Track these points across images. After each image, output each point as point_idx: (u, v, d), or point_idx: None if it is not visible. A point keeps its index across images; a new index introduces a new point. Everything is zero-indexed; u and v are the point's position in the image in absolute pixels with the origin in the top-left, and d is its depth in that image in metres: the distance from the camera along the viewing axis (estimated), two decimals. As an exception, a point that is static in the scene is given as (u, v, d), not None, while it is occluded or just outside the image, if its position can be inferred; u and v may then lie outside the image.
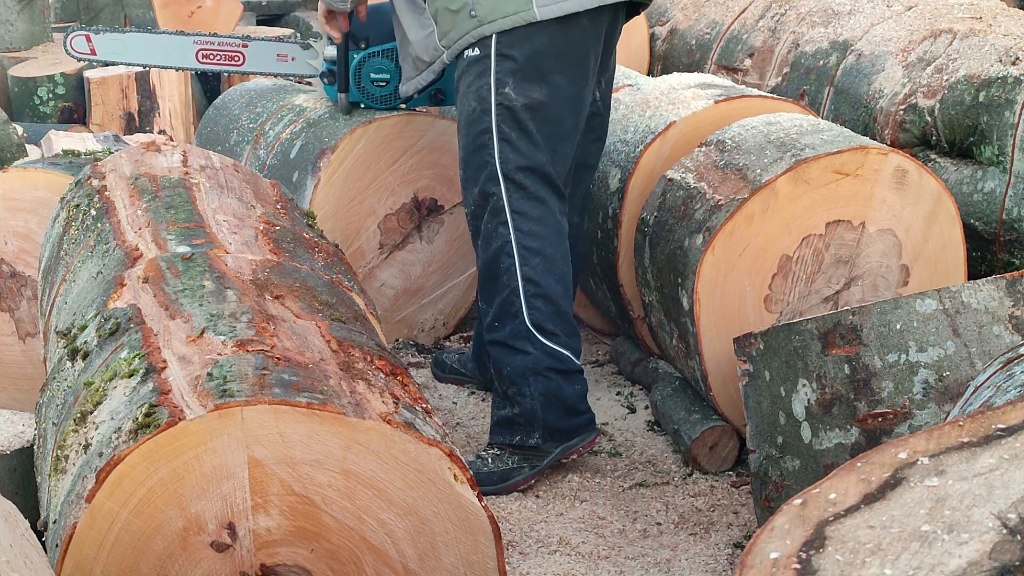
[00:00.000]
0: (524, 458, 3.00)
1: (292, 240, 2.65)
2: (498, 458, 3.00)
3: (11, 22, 7.14)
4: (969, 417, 1.32)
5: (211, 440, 1.75)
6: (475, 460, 3.01)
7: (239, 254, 2.41)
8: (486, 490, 2.92)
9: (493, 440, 3.04)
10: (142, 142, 3.28)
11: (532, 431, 2.98)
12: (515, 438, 2.99)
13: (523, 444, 2.99)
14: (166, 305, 2.14)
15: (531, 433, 2.98)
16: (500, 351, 2.97)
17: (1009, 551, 1.09)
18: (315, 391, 1.81)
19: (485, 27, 2.88)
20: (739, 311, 3.00)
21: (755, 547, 1.18)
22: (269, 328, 2.02)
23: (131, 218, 2.62)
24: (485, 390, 3.54)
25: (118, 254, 2.48)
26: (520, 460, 2.99)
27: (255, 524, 1.79)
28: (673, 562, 2.73)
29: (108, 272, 2.42)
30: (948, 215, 3.09)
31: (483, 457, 3.01)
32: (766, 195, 2.93)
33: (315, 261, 2.58)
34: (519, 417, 2.98)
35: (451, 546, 1.87)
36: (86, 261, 2.57)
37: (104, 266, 2.47)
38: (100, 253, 2.54)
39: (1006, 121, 3.34)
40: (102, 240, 2.59)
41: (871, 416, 2.48)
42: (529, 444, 2.99)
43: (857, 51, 3.99)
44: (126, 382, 1.91)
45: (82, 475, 1.80)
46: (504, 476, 2.98)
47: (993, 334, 2.44)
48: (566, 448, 3.02)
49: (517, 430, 2.99)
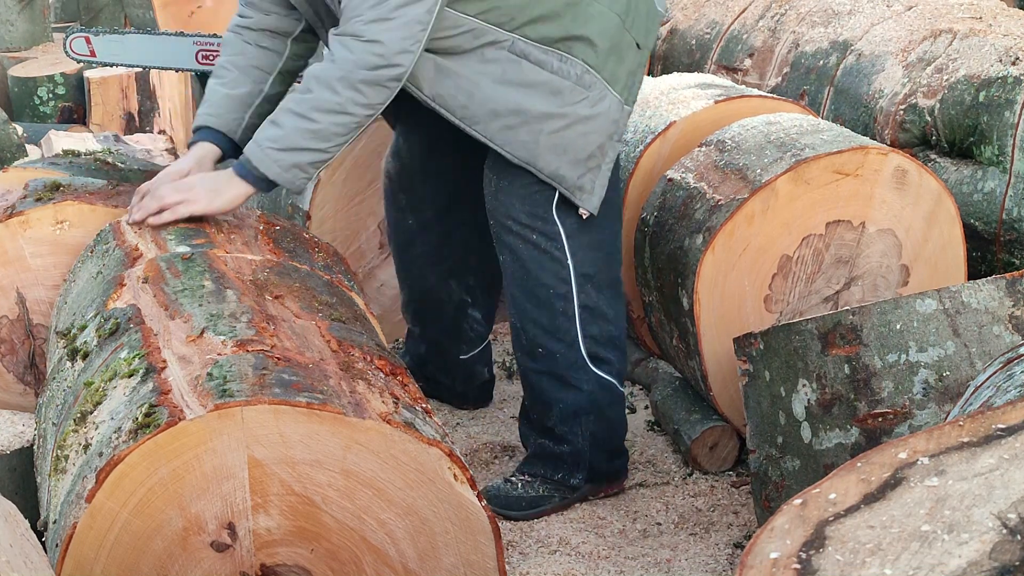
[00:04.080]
0: (556, 489, 2.90)
1: (292, 240, 2.65)
2: (529, 484, 2.90)
3: (11, 22, 7.15)
4: (969, 417, 1.32)
5: (211, 440, 1.75)
6: (503, 484, 2.91)
7: (239, 254, 2.41)
8: (511, 514, 2.84)
9: (530, 470, 2.92)
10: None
11: (576, 471, 2.90)
12: (557, 475, 2.89)
13: (564, 482, 2.90)
14: (166, 305, 2.14)
15: (575, 473, 2.90)
16: (549, 383, 2.85)
17: (1009, 551, 1.09)
18: (315, 391, 1.81)
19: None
20: (739, 311, 3.00)
21: (755, 547, 1.18)
22: (269, 328, 2.02)
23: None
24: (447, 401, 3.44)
25: (118, 254, 2.48)
26: (551, 490, 2.90)
27: (255, 524, 1.80)
28: (673, 562, 2.73)
29: (108, 272, 2.42)
30: (948, 215, 3.09)
31: (512, 482, 2.91)
32: (766, 195, 2.93)
33: (315, 261, 2.58)
34: (566, 456, 2.89)
35: (451, 546, 1.87)
36: (86, 261, 2.58)
37: (104, 266, 2.47)
38: (100, 253, 2.54)
39: (1006, 121, 3.34)
40: (102, 240, 2.59)
41: (871, 416, 2.48)
42: (571, 483, 2.90)
43: (857, 51, 3.99)
44: (126, 382, 1.91)
45: (82, 475, 1.80)
46: (533, 503, 2.88)
47: (993, 334, 2.44)
48: (599, 489, 2.96)
49: (561, 467, 2.89)
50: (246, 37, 2.85)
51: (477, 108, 2.68)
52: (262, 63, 2.83)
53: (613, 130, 2.75)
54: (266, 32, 2.85)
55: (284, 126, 2.56)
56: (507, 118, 2.68)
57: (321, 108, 2.53)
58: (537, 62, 2.67)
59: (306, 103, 2.54)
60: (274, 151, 2.55)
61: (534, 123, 2.68)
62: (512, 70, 2.67)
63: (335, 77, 2.53)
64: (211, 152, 2.75)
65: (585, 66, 2.69)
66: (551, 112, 2.68)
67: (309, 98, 2.54)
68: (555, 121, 2.68)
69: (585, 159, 2.72)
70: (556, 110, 2.68)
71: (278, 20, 2.85)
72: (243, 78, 2.81)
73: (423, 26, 2.55)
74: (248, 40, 2.85)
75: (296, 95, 2.58)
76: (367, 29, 2.52)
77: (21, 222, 2.69)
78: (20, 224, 2.69)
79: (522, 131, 2.69)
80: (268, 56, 2.84)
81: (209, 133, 2.76)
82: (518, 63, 2.67)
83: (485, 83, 2.67)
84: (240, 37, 2.86)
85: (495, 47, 2.66)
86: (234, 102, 2.79)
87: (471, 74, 2.67)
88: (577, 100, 2.69)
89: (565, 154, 2.70)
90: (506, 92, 2.67)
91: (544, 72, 2.67)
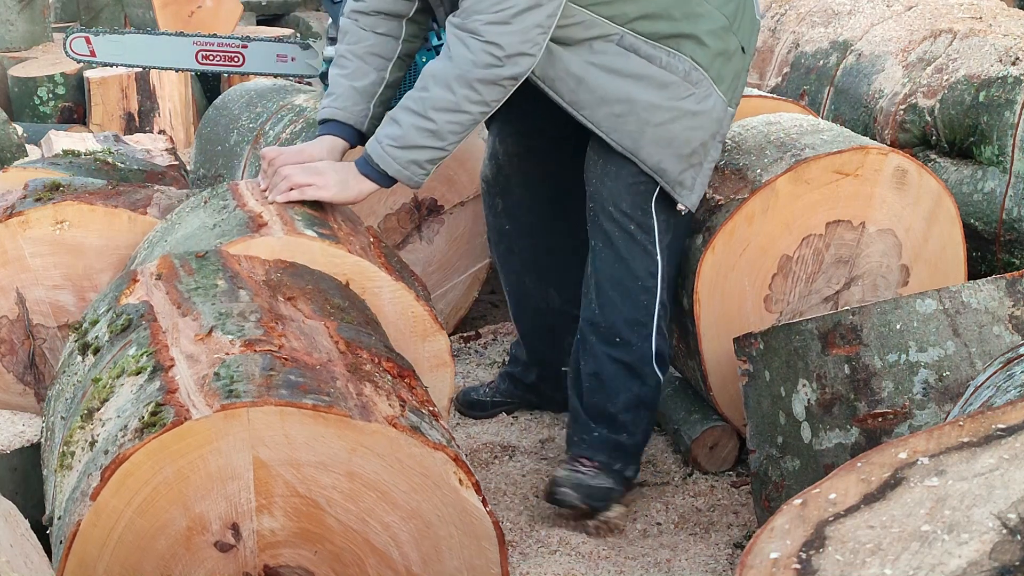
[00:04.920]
0: (619, 481, 2.88)
1: (398, 261, 2.66)
2: (599, 474, 2.86)
3: (11, 22, 7.14)
4: (969, 417, 1.32)
5: (216, 440, 1.75)
6: (575, 473, 2.85)
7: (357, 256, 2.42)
8: (594, 504, 2.81)
9: (592, 455, 2.88)
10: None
11: (633, 464, 2.90)
12: (617, 464, 2.87)
13: (622, 472, 2.88)
14: (178, 303, 2.13)
15: (631, 465, 2.90)
16: (619, 371, 2.83)
17: (1009, 551, 1.10)
18: (321, 393, 1.81)
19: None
20: (739, 311, 3.00)
21: (755, 547, 1.19)
22: (277, 328, 2.01)
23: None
24: (530, 408, 3.43)
25: (240, 215, 2.48)
26: (616, 482, 2.87)
27: (259, 525, 1.80)
28: (673, 562, 2.74)
29: (226, 228, 2.43)
30: (948, 215, 3.09)
31: (583, 472, 2.85)
32: (766, 195, 2.94)
33: (418, 287, 2.58)
34: (627, 446, 2.88)
35: (455, 550, 1.87)
36: (196, 209, 2.58)
37: (222, 221, 2.47)
38: (217, 207, 2.55)
39: (1006, 121, 3.35)
40: (219, 195, 2.61)
41: (871, 416, 2.49)
42: (626, 475, 2.89)
43: (857, 51, 3.99)
44: (134, 379, 1.91)
45: (87, 472, 1.80)
46: (606, 495, 2.84)
47: (993, 334, 2.44)
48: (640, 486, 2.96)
49: (621, 457, 2.87)
50: (362, 23, 2.84)
51: (586, 94, 2.69)
52: (381, 50, 2.83)
53: (716, 129, 2.76)
54: (381, 15, 2.84)
55: (403, 124, 2.58)
56: (615, 106, 2.69)
57: (438, 107, 2.55)
58: (646, 56, 2.68)
59: (424, 102, 2.56)
60: (393, 148, 2.58)
61: (642, 113, 2.69)
62: (621, 62, 2.68)
63: (452, 76, 2.54)
64: (340, 144, 2.78)
65: (693, 63, 2.70)
66: (659, 104, 2.68)
67: (426, 96, 2.56)
68: (662, 113, 2.69)
69: (688, 155, 2.73)
70: (664, 102, 2.69)
71: (392, 2, 2.84)
72: (364, 67, 2.82)
73: (543, 30, 2.57)
74: (364, 26, 2.84)
75: (415, 92, 2.60)
76: (487, 30, 2.52)
77: (21, 222, 2.70)
78: (20, 224, 2.70)
79: (630, 120, 2.69)
80: (386, 42, 2.84)
81: (336, 126, 2.77)
82: (627, 56, 2.68)
83: (594, 71, 2.68)
84: (356, 24, 2.85)
85: (604, 40, 2.67)
86: (358, 94, 2.80)
87: (581, 62, 2.68)
88: (684, 95, 2.70)
89: (669, 147, 2.71)
90: (615, 81, 2.68)
91: (652, 66, 2.68)
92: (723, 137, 2.80)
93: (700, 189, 2.79)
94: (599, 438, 2.88)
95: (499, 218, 3.21)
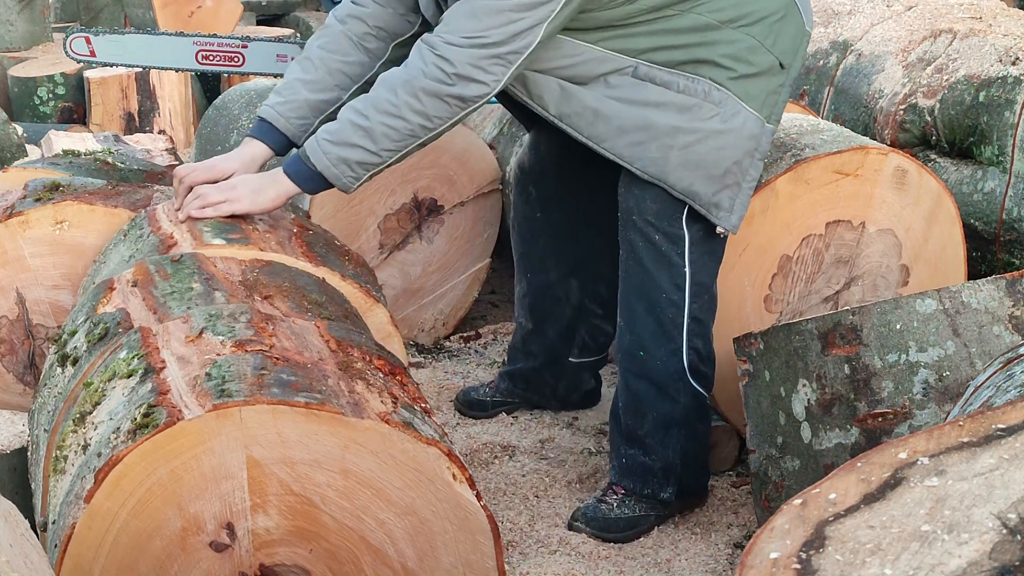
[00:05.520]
0: (651, 507, 2.84)
1: (324, 245, 2.64)
2: (624, 503, 2.83)
3: (11, 22, 7.14)
4: (969, 417, 1.32)
5: (209, 440, 1.75)
6: (598, 505, 2.84)
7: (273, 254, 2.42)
8: (609, 537, 2.79)
9: (621, 483, 2.84)
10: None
11: (667, 485, 2.84)
12: (647, 488, 2.83)
13: (654, 496, 2.83)
14: (154, 309, 2.14)
15: (665, 487, 2.83)
16: (646, 389, 2.78)
17: (1009, 551, 1.09)
18: (313, 391, 1.81)
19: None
20: (739, 311, 2.99)
21: (755, 547, 1.18)
22: (268, 328, 2.02)
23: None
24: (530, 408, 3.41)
25: (152, 240, 2.49)
26: (647, 509, 2.83)
27: (254, 524, 1.79)
28: (673, 562, 2.73)
29: (140, 257, 2.42)
30: (948, 215, 3.09)
31: (607, 502, 2.84)
32: (766, 195, 2.93)
33: (345, 268, 2.57)
34: (656, 469, 2.82)
35: (450, 546, 1.87)
36: (118, 244, 2.58)
37: (137, 251, 2.48)
38: (133, 238, 2.56)
39: (1006, 121, 3.34)
40: (136, 226, 2.60)
41: (871, 416, 2.48)
42: (661, 497, 2.84)
43: (857, 51, 3.98)
44: (125, 382, 1.91)
45: (81, 475, 1.80)
46: (631, 524, 2.81)
47: (993, 334, 2.44)
48: (687, 504, 2.91)
49: (651, 481, 2.83)
50: (351, 31, 2.77)
51: (603, 126, 2.62)
52: (353, 71, 2.75)
53: (752, 147, 2.66)
54: (374, 31, 2.77)
55: (341, 119, 2.53)
56: (634, 134, 2.61)
57: (377, 107, 2.49)
58: (663, 83, 2.61)
59: (366, 100, 2.52)
60: (327, 143, 2.52)
61: (664, 138, 2.61)
62: (638, 92, 2.61)
63: (399, 81, 2.50)
64: (261, 155, 2.70)
65: (713, 83, 2.61)
66: (680, 126, 2.60)
67: (370, 96, 2.52)
68: (685, 136, 2.61)
69: (721, 175, 2.64)
70: (686, 124, 2.61)
71: (392, 18, 2.78)
72: (328, 81, 2.74)
73: (503, 64, 2.48)
74: (352, 36, 2.76)
75: (363, 94, 2.56)
76: (443, 46, 2.47)
77: (21, 222, 2.69)
78: (20, 224, 2.69)
79: (652, 147, 2.61)
80: (363, 64, 2.76)
81: (269, 131, 2.70)
82: (643, 86, 2.61)
83: (611, 103, 2.61)
84: (345, 29, 2.77)
85: (619, 74, 2.61)
86: (308, 107, 2.72)
87: (598, 96, 2.62)
88: (709, 116, 2.61)
89: (698, 169, 2.62)
90: (631, 110, 2.61)
91: (670, 92, 2.61)
92: (763, 155, 2.70)
93: (740, 210, 2.69)
94: (628, 463, 2.84)
95: (531, 205, 3.17)
